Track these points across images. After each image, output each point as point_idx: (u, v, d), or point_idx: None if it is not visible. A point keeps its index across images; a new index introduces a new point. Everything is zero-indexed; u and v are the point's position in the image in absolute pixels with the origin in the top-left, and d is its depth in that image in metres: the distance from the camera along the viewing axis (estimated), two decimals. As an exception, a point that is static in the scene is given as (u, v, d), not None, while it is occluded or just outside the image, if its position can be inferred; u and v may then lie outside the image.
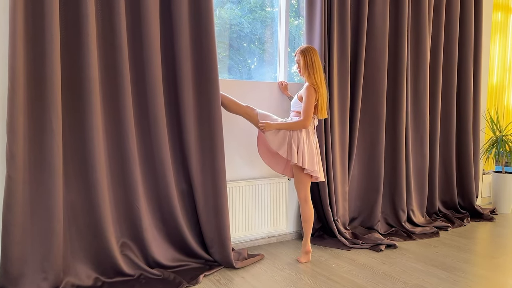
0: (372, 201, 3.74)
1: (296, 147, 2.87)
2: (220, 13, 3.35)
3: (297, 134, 2.89)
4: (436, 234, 3.74)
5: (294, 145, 2.87)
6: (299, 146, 2.88)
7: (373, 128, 3.71)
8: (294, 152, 2.86)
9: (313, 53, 2.94)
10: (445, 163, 4.36)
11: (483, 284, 2.71)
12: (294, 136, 2.89)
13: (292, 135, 2.89)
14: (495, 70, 5.11)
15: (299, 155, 2.87)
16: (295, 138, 2.88)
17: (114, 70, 2.55)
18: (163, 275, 2.61)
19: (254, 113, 2.97)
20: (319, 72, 2.93)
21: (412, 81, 3.98)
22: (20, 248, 2.30)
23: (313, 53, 2.94)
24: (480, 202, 4.90)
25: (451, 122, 4.30)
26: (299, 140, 2.88)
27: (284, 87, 3.41)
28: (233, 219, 3.19)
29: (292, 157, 2.86)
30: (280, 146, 2.90)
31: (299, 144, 2.88)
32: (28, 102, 2.31)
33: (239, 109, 2.97)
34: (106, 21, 2.53)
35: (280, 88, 3.42)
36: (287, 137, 2.89)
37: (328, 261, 3.03)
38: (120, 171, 2.63)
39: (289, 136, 2.89)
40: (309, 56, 2.93)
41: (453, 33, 4.21)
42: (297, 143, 2.88)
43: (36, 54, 2.31)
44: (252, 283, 2.63)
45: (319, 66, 2.94)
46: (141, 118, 2.70)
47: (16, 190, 2.26)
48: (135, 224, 2.66)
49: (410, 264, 3.01)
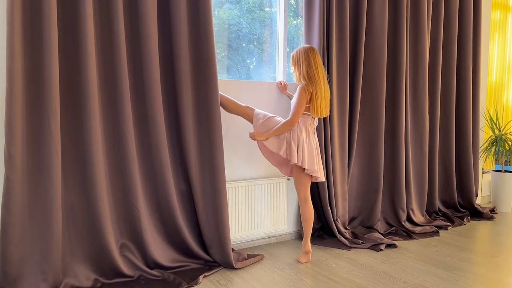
0: (371, 200, 3.74)
1: (296, 147, 2.87)
2: (219, 13, 3.34)
3: (296, 133, 2.88)
4: (436, 233, 3.74)
5: (293, 145, 2.86)
6: (299, 145, 2.87)
7: (372, 127, 3.71)
8: (294, 151, 2.85)
9: (302, 51, 2.90)
10: (445, 162, 4.36)
11: (483, 283, 2.71)
12: (294, 135, 2.88)
13: (292, 135, 2.88)
14: (494, 68, 5.11)
15: (298, 154, 2.86)
16: (294, 137, 2.88)
17: (112, 71, 2.55)
18: (162, 276, 2.61)
19: (253, 113, 2.96)
20: (311, 70, 2.87)
21: (411, 80, 3.98)
22: (19, 249, 2.29)
23: (302, 51, 2.90)
24: (479, 201, 4.90)
25: (451, 121, 4.30)
26: (298, 139, 2.87)
27: (283, 86, 3.40)
28: (233, 219, 3.18)
29: (292, 157, 2.86)
30: (280, 147, 2.89)
31: (298, 143, 2.87)
32: (26, 103, 2.30)
33: (238, 110, 2.96)
34: (104, 22, 2.53)
35: (279, 88, 3.42)
36: (286, 137, 2.89)
37: (328, 261, 3.03)
38: (119, 172, 2.62)
39: (288, 136, 2.89)
40: (297, 54, 2.93)
41: (452, 31, 4.21)
42: (296, 143, 2.87)
43: (34, 55, 2.30)
44: (252, 284, 2.63)
45: (311, 64, 2.87)
46: (140, 118, 2.69)
47: (14, 192, 2.25)
48: (134, 225, 2.65)
49: (410, 264, 3.00)
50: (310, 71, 2.88)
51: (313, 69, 2.88)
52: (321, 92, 2.88)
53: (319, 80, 2.89)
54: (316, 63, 2.90)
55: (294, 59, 2.95)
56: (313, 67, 2.88)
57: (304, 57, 2.90)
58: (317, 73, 2.88)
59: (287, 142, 2.88)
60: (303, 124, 2.92)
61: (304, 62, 2.89)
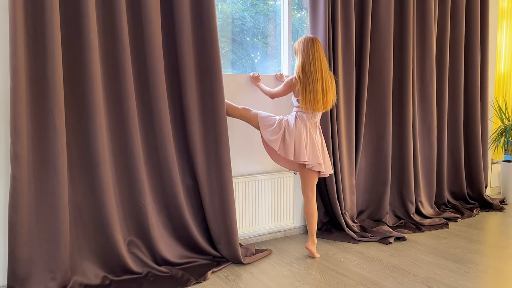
0: (380, 193, 3.71)
1: (293, 143, 2.81)
2: (222, 7, 3.32)
3: (294, 130, 2.82)
4: (446, 225, 3.71)
5: (289, 141, 2.81)
6: (297, 141, 2.82)
7: (379, 119, 3.67)
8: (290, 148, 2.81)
9: (301, 42, 2.84)
10: (453, 153, 4.31)
11: (494, 274, 2.68)
12: (291, 132, 2.82)
13: (289, 132, 2.83)
14: (503, 58, 5.03)
15: (296, 151, 2.81)
16: (291, 134, 2.81)
17: (116, 67, 2.53)
18: (171, 272, 2.60)
19: (250, 114, 2.92)
20: (307, 62, 2.78)
21: (419, 71, 3.93)
22: (27, 248, 2.30)
23: (302, 42, 2.84)
24: (489, 192, 4.85)
25: (459, 112, 4.24)
26: (296, 135, 2.82)
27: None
28: (240, 214, 3.17)
29: (287, 154, 2.81)
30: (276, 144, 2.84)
31: (295, 139, 2.82)
32: (31, 101, 2.30)
33: (235, 112, 2.92)
34: (107, 18, 2.51)
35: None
36: (282, 135, 2.84)
37: (337, 255, 3.01)
38: (125, 168, 2.61)
39: (283, 132, 2.84)
40: (297, 44, 2.89)
41: (459, 20, 4.14)
42: (293, 139, 2.81)
43: (38, 53, 2.30)
44: (261, 279, 2.62)
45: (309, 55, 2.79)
46: (145, 114, 2.68)
47: (21, 191, 2.25)
48: (142, 222, 2.65)
49: (419, 256, 2.98)
50: (307, 62, 2.79)
51: (310, 61, 2.78)
52: (315, 86, 2.77)
53: (315, 73, 2.77)
54: (315, 55, 2.79)
55: (295, 48, 2.92)
56: (310, 59, 2.78)
57: (302, 48, 2.82)
58: (313, 66, 2.78)
59: (282, 139, 2.84)
60: (301, 119, 2.86)
61: (301, 53, 2.82)
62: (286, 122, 2.87)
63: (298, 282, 2.57)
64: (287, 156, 2.83)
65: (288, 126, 2.85)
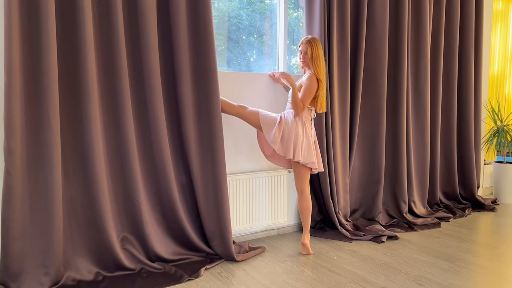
0: (373, 192, 3.73)
1: (293, 142, 2.84)
2: (219, 5, 3.32)
3: (294, 129, 2.85)
4: (438, 225, 3.74)
5: (287, 140, 2.84)
6: (295, 140, 2.84)
7: (373, 119, 3.69)
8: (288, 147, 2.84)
9: (318, 46, 2.96)
10: (446, 153, 4.34)
11: (484, 274, 2.70)
12: (291, 131, 2.85)
13: (288, 131, 2.85)
14: (496, 59, 5.07)
15: (296, 150, 2.84)
16: (292, 133, 2.84)
17: (111, 63, 2.53)
18: (164, 269, 2.61)
19: (246, 112, 2.93)
20: (322, 65, 2.94)
21: (413, 71, 3.95)
22: (20, 243, 2.29)
23: (319, 46, 2.96)
24: (481, 193, 4.89)
25: (452, 113, 4.27)
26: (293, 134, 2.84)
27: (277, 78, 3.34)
28: (234, 212, 3.18)
29: (287, 154, 2.84)
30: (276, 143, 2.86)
31: (293, 138, 2.85)
32: (25, 97, 2.29)
33: (231, 110, 2.93)
34: (103, 14, 2.51)
35: (272, 79, 3.36)
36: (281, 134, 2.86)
37: (330, 253, 3.03)
38: (120, 165, 2.62)
39: (282, 133, 2.86)
40: (316, 48, 2.94)
41: (454, 22, 4.17)
42: (293, 138, 2.84)
43: (32, 49, 2.29)
44: (254, 276, 2.63)
45: (322, 59, 2.95)
46: (140, 111, 2.68)
47: (14, 186, 2.25)
48: (136, 218, 2.65)
49: (411, 255, 3.00)
50: (323, 65, 2.95)
51: (323, 64, 2.95)
52: (324, 88, 2.95)
53: (325, 75, 2.96)
54: (322, 57, 2.97)
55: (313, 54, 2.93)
56: (322, 62, 2.96)
57: (320, 52, 2.95)
58: (324, 68, 2.95)
59: (281, 139, 2.86)
60: (299, 118, 2.89)
61: (320, 57, 2.95)
62: (285, 122, 2.89)
63: (290, 279, 2.58)
64: (286, 156, 2.85)
65: (286, 126, 2.87)
